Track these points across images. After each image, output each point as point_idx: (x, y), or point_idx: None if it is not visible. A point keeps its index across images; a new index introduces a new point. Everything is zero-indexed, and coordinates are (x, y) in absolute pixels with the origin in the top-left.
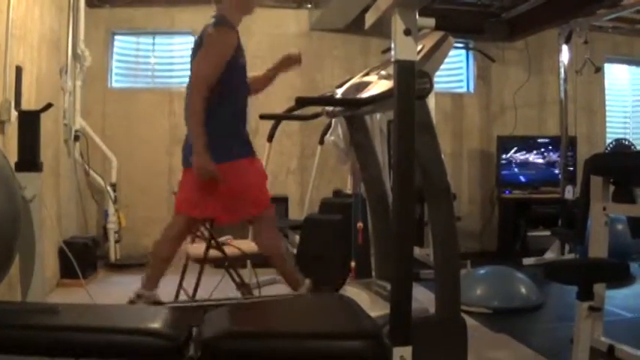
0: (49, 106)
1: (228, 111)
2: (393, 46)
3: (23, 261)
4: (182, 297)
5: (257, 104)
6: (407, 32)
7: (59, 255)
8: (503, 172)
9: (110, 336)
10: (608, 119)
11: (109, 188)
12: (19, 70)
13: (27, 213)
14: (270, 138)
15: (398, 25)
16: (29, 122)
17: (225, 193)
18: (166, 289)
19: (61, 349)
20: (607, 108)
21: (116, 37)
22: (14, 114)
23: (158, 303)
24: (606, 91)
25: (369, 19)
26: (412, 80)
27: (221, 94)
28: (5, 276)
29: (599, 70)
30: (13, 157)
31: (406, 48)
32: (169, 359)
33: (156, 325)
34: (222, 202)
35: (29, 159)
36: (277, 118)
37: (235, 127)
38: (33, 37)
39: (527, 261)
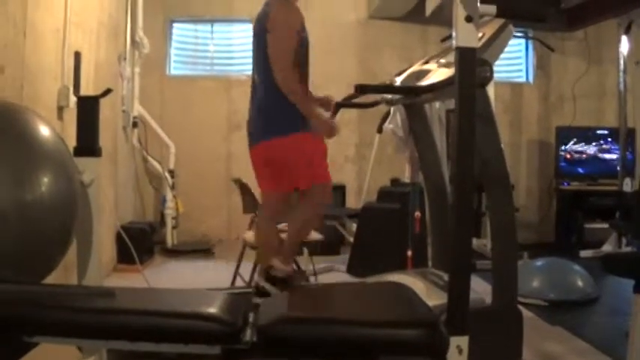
0: (108, 91)
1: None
2: (454, 32)
3: (80, 245)
4: (239, 283)
5: (315, 92)
6: (468, 19)
7: (116, 240)
8: (562, 164)
9: (166, 320)
10: None
11: (166, 174)
12: (77, 56)
13: (85, 197)
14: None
15: (459, 11)
16: (88, 107)
17: (300, 161)
18: (223, 275)
19: (117, 333)
20: None
21: (174, 24)
22: (73, 100)
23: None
24: None
25: (430, 5)
26: (473, 67)
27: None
28: (62, 259)
29: None
30: (71, 143)
31: (467, 35)
32: (226, 344)
33: (212, 310)
34: (295, 171)
35: (88, 144)
36: (336, 106)
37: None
38: (92, 24)
39: (585, 253)
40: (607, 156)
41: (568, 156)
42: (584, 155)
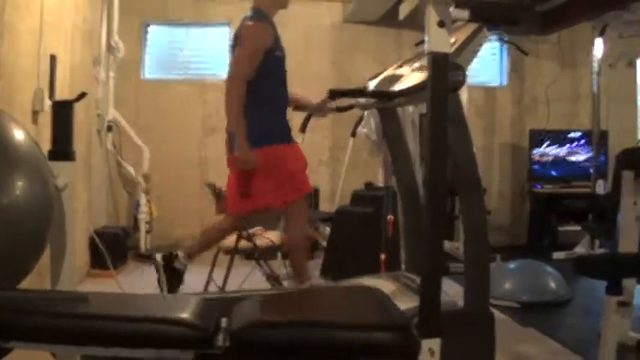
0: (82, 95)
1: (267, 100)
2: (426, 37)
3: (54, 250)
4: (212, 288)
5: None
6: (441, 24)
7: (89, 245)
8: (535, 167)
9: (139, 325)
10: None
11: (140, 178)
12: (53, 60)
13: (59, 202)
14: (303, 129)
15: (432, 16)
16: (63, 112)
17: (266, 177)
18: (196, 280)
19: (90, 338)
20: (639, 102)
21: (150, 28)
22: (47, 103)
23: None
24: (639, 86)
25: (403, 10)
26: (446, 72)
27: (260, 84)
28: (36, 264)
29: (631, 64)
30: (45, 146)
31: (440, 40)
32: (198, 349)
33: (185, 315)
34: (263, 186)
35: (62, 148)
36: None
37: (276, 114)
38: (67, 27)
39: (557, 255)
40: (580, 158)
41: (541, 159)
42: (557, 158)
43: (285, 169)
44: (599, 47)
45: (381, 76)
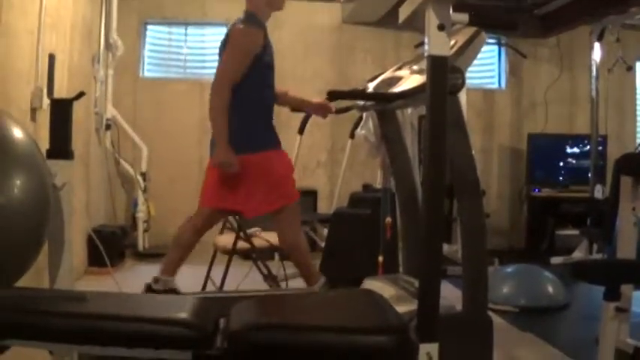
0: (81, 94)
1: (254, 105)
2: (426, 40)
3: (52, 248)
4: (210, 288)
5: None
6: (440, 27)
7: (87, 243)
8: (533, 170)
9: (137, 325)
10: (639, 118)
11: (138, 177)
12: (52, 58)
13: (57, 200)
14: (302, 130)
15: (432, 19)
16: (61, 110)
17: (251, 185)
18: (194, 280)
19: (88, 337)
20: (638, 107)
21: (148, 26)
22: (46, 101)
23: (173, 290)
24: (638, 90)
25: (403, 13)
26: (445, 75)
27: (246, 89)
28: (34, 262)
29: (630, 68)
30: (44, 145)
31: (439, 43)
32: (196, 349)
33: (183, 315)
34: (249, 194)
35: (60, 147)
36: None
37: (261, 120)
38: (65, 25)
39: (555, 260)
40: (578, 162)
41: (539, 162)
42: (555, 162)
43: (273, 175)
44: (597, 51)
45: (380, 78)
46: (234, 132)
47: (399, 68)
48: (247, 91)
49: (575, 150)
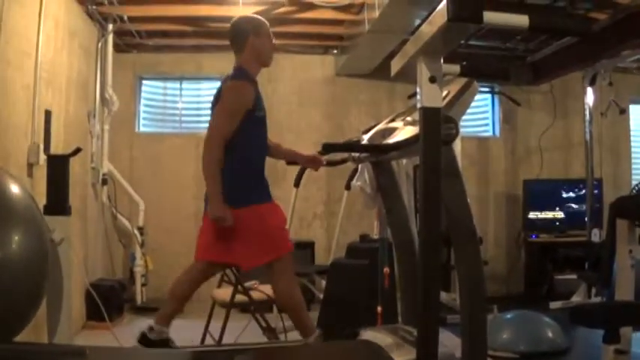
0: (78, 150)
1: (246, 159)
2: (418, 92)
3: (51, 303)
4: (208, 341)
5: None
6: (432, 80)
7: (86, 297)
8: (530, 216)
9: None
10: (633, 161)
11: (136, 232)
12: (48, 114)
13: (55, 255)
14: (297, 183)
15: (423, 72)
16: (58, 166)
17: (246, 238)
18: (193, 334)
19: None
20: (632, 150)
21: (144, 81)
22: (42, 157)
23: (167, 340)
24: (632, 133)
25: (395, 66)
26: (438, 126)
27: (239, 144)
28: (33, 317)
29: (623, 111)
30: (40, 200)
31: (431, 95)
32: None
33: None
34: (243, 247)
35: (58, 202)
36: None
37: (254, 173)
38: (61, 81)
39: (554, 304)
40: (575, 207)
41: (536, 208)
42: (552, 207)
43: (265, 228)
44: (590, 96)
45: (375, 130)
46: (226, 186)
47: (393, 119)
48: (239, 146)
49: (571, 194)
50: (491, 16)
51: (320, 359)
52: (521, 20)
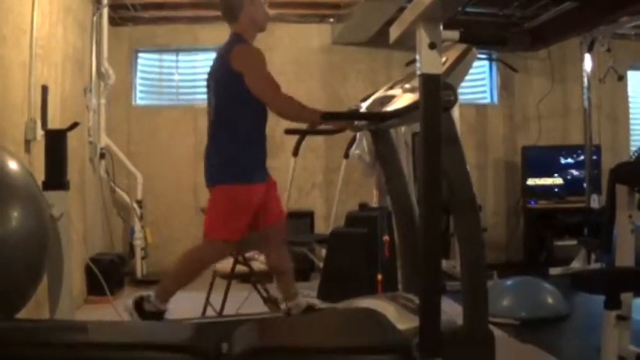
0: (75, 125)
1: (247, 135)
2: (418, 59)
3: (51, 278)
4: (209, 312)
5: (282, 119)
6: (432, 46)
7: (86, 272)
8: (528, 183)
9: (141, 352)
10: (632, 127)
11: (134, 205)
12: (44, 90)
13: (55, 231)
14: (295, 152)
15: (423, 38)
16: (56, 141)
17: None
18: (193, 305)
19: None
20: (631, 116)
21: (139, 54)
22: (40, 133)
23: (162, 313)
24: (630, 99)
25: (394, 32)
26: (438, 93)
27: (240, 119)
28: (34, 293)
29: (622, 78)
30: (38, 176)
31: (431, 61)
32: None
33: (186, 341)
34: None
35: (56, 178)
36: (302, 133)
37: (252, 151)
38: (57, 56)
39: (554, 271)
40: (573, 173)
41: (534, 175)
42: (550, 173)
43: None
44: (588, 62)
45: (373, 98)
46: (222, 162)
47: (391, 87)
48: (241, 122)
49: (570, 161)
50: None
51: (323, 328)
52: None
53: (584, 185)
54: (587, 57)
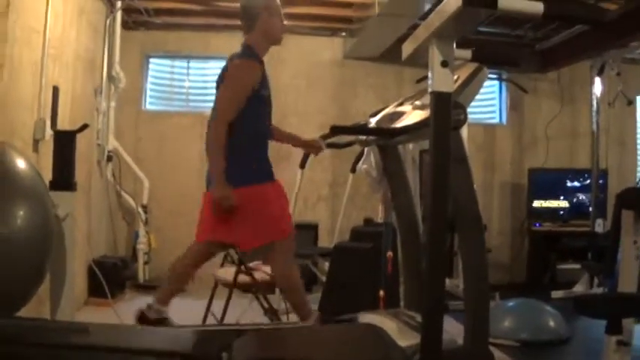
0: (85, 126)
1: (250, 138)
2: (430, 76)
3: (54, 278)
4: (210, 321)
5: (290, 131)
6: (444, 64)
7: (88, 273)
8: (534, 205)
9: (140, 358)
10: (639, 152)
11: (140, 209)
12: (55, 90)
13: (59, 231)
14: (303, 165)
15: (435, 56)
16: (65, 142)
17: (245, 218)
18: (194, 313)
19: None
20: (638, 141)
21: (151, 59)
22: (49, 133)
23: (165, 319)
24: (638, 124)
25: (406, 49)
26: (448, 111)
27: (243, 123)
28: (36, 292)
29: (631, 102)
30: (46, 175)
31: (443, 79)
32: None
33: (187, 348)
34: (242, 227)
35: (63, 178)
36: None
37: (257, 152)
38: (68, 57)
39: (556, 294)
40: (579, 197)
41: (540, 197)
42: (556, 196)
43: (267, 209)
44: (597, 86)
45: (382, 113)
46: (229, 166)
47: (401, 103)
48: (243, 125)
49: (576, 184)
50: (506, 3)
51: (323, 342)
52: (536, 7)
53: (590, 209)
54: (597, 80)
